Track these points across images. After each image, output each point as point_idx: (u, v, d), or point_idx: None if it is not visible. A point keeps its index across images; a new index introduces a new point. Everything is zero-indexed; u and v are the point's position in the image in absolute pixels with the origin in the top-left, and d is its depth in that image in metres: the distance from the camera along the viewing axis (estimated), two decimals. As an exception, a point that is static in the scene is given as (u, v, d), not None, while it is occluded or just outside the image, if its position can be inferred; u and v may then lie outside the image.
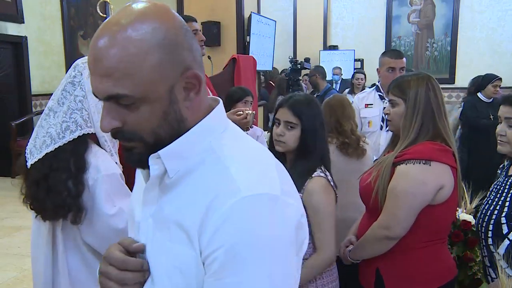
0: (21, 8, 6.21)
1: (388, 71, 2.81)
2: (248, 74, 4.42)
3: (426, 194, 1.49)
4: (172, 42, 0.74)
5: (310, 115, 1.68)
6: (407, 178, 1.51)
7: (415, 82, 1.61)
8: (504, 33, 7.79)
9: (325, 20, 8.64)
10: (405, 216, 1.51)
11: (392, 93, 1.65)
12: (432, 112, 1.58)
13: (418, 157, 1.51)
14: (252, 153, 0.80)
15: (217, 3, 5.52)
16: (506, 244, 1.53)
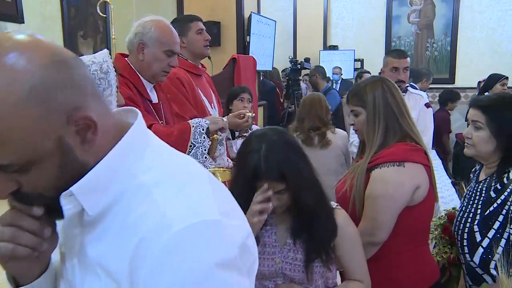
0: (21, 8, 6.20)
1: (392, 71, 2.78)
2: (248, 74, 4.42)
3: (404, 195, 1.50)
4: (43, 88, 0.58)
5: None
6: (383, 182, 1.51)
7: (370, 86, 1.62)
8: (504, 33, 7.78)
9: (325, 20, 8.63)
10: (386, 220, 1.51)
11: (351, 103, 1.65)
12: (393, 113, 1.58)
13: (392, 159, 1.51)
14: (180, 173, 0.68)
15: (217, 3, 5.51)
16: (480, 252, 1.52)
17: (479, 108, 1.58)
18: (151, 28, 1.90)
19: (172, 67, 1.97)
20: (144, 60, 1.91)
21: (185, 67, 2.49)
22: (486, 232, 1.51)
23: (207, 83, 2.69)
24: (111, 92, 1.48)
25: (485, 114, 1.56)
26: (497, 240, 1.49)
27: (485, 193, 1.58)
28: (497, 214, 1.51)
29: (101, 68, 1.44)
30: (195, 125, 1.88)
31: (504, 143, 1.53)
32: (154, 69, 1.92)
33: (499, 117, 1.54)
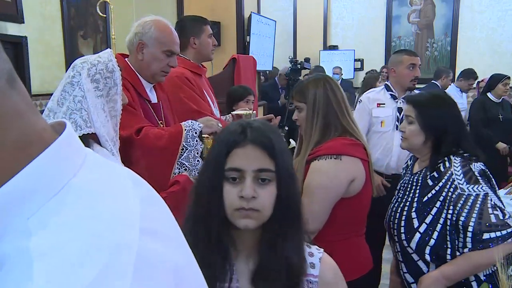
0: (21, 8, 6.20)
1: (409, 68, 2.88)
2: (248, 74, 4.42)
3: (339, 187, 1.59)
4: None
5: None
6: (320, 173, 1.59)
7: (313, 84, 1.70)
8: (504, 33, 7.78)
9: (325, 20, 8.64)
10: (320, 210, 1.59)
11: (295, 99, 1.73)
12: (334, 111, 1.66)
13: (329, 152, 1.59)
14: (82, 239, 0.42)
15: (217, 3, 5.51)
16: (417, 238, 1.60)
17: (411, 103, 1.71)
18: (151, 27, 1.90)
19: (171, 67, 1.96)
20: (144, 60, 1.91)
21: (188, 67, 2.49)
22: (424, 218, 1.59)
23: (206, 82, 2.69)
24: (117, 91, 1.48)
25: (415, 109, 1.68)
26: (434, 225, 1.56)
27: (421, 182, 1.66)
28: (434, 200, 1.59)
29: (106, 67, 1.44)
30: (187, 128, 1.87)
31: (432, 136, 1.64)
32: (153, 69, 1.92)
33: (427, 112, 1.66)
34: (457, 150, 1.62)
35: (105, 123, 1.43)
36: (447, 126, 1.63)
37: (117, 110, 1.50)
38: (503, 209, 1.49)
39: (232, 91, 3.08)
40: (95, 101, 1.39)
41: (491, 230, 1.46)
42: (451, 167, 1.58)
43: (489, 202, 1.49)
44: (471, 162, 1.58)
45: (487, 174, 1.59)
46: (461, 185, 1.53)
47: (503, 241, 1.44)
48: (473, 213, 1.48)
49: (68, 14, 6.95)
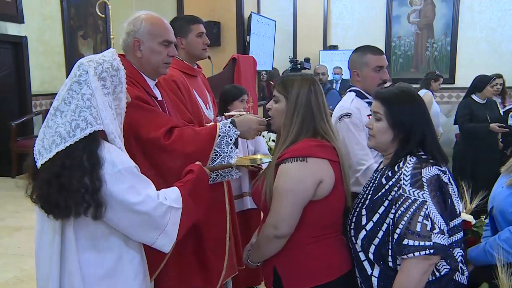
0: (21, 8, 6.21)
1: (375, 70, 2.38)
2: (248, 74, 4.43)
3: (306, 190, 1.56)
4: None
5: None
6: (286, 177, 1.58)
7: (299, 82, 1.67)
8: (504, 33, 7.78)
9: (325, 20, 8.64)
10: (289, 214, 1.57)
11: (276, 89, 1.71)
12: (312, 114, 1.65)
13: (296, 154, 1.58)
14: None
15: (217, 3, 5.51)
16: (363, 235, 1.58)
17: (379, 100, 1.65)
18: (141, 23, 1.89)
19: (171, 57, 1.96)
20: (143, 57, 1.90)
21: (180, 68, 2.48)
22: (372, 216, 1.57)
23: (202, 83, 2.68)
24: (122, 89, 1.49)
25: (383, 105, 1.63)
26: (380, 224, 1.54)
27: (378, 180, 1.63)
28: (383, 199, 1.55)
29: (112, 66, 1.46)
30: (222, 134, 1.84)
31: (400, 134, 1.59)
32: (155, 63, 1.91)
33: (395, 109, 1.61)
34: (419, 150, 1.58)
35: (113, 120, 1.43)
36: (415, 124, 1.59)
37: (122, 108, 1.52)
38: (435, 222, 1.44)
39: (226, 91, 3.07)
40: (103, 99, 1.40)
41: (411, 238, 1.42)
42: (403, 167, 1.54)
43: (423, 210, 1.44)
44: (426, 165, 1.52)
45: (440, 181, 1.52)
46: (405, 186, 1.49)
47: (417, 252, 1.41)
48: (405, 217, 1.45)
49: (68, 14, 6.95)
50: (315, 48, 8.46)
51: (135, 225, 1.41)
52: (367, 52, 2.41)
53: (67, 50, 6.94)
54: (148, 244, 1.47)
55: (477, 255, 1.83)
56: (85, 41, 7.27)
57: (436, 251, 1.42)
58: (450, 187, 1.55)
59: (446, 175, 1.55)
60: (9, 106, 6.21)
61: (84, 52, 7.12)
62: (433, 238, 1.42)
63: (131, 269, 1.49)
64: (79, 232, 1.40)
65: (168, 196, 1.48)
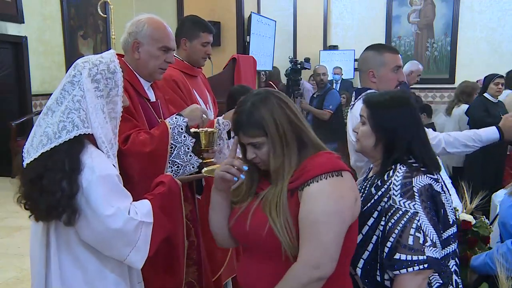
0: (21, 8, 6.21)
1: (394, 71, 2.20)
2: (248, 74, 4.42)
3: (350, 209, 1.30)
4: None
5: None
6: (324, 197, 1.26)
7: (265, 107, 1.33)
8: (504, 33, 7.78)
9: (325, 20, 8.64)
10: (334, 244, 1.27)
11: (249, 135, 1.34)
12: (299, 127, 1.36)
13: (326, 170, 1.29)
14: None
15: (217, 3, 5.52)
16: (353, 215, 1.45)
17: (365, 103, 1.61)
18: (144, 26, 1.89)
19: (168, 63, 1.96)
20: (140, 59, 1.90)
21: (181, 68, 2.48)
22: (361, 228, 1.48)
23: (202, 83, 2.68)
24: (117, 93, 1.47)
25: (367, 108, 1.58)
26: (370, 237, 1.47)
27: (367, 189, 1.56)
28: (372, 210, 1.48)
29: (108, 68, 1.44)
30: (172, 126, 1.83)
31: (383, 139, 1.53)
32: (151, 67, 1.91)
33: (378, 112, 1.55)
34: (409, 158, 1.50)
35: (104, 124, 1.41)
36: (398, 129, 1.50)
37: (117, 112, 1.49)
38: (427, 234, 1.37)
39: (233, 91, 3.07)
40: (94, 102, 1.38)
41: (403, 252, 1.35)
42: (393, 176, 1.46)
43: (415, 222, 1.37)
44: (417, 174, 1.44)
45: (433, 190, 1.44)
46: (395, 196, 1.41)
47: (410, 267, 1.33)
48: (396, 229, 1.38)
49: (68, 14, 6.95)
50: (315, 48, 8.46)
51: (105, 239, 1.36)
52: (384, 51, 2.22)
53: (67, 50, 6.93)
54: (120, 259, 1.42)
55: (479, 265, 1.82)
56: (85, 41, 7.27)
57: (430, 265, 1.35)
58: (443, 196, 1.47)
59: (438, 184, 1.47)
60: (9, 106, 6.21)
61: (84, 52, 7.12)
62: (426, 252, 1.35)
63: (112, 277, 1.45)
64: (59, 236, 1.39)
65: (139, 211, 1.42)
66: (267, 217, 1.31)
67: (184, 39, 2.48)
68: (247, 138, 1.35)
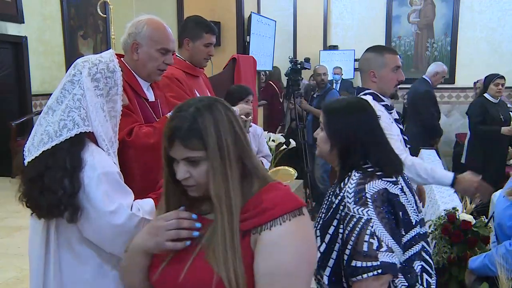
0: (21, 8, 6.21)
1: (393, 71, 2.29)
2: (248, 74, 4.43)
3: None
4: None
5: None
6: (293, 243, 1.05)
7: (212, 117, 1.09)
8: (504, 33, 7.78)
9: (325, 20, 8.64)
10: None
11: (187, 146, 1.08)
12: (245, 148, 1.13)
13: (291, 208, 1.07)
14: None
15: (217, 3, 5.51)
16: (317, 257, 1.48)
17: (322, 109, 1.64)
18: (143, 27, 1.89)
19: (167, 65, 1.96)
20: (139, 60, 1.90)
21: (182, 68, 2.48)
22: (324, 237, 1.50)
23: (204, 84, 2.68)
24: (117, 92, 1.48)
25: (324, 115, 1.61)
26: (333, 245, 1.48)
27: (330, 198, 1.56)
28: (332, 218, 1.49)
29: (108, 67, 1.45)
30: None
31: (337, 145, 1.55)
32: (149, 68, 1.91)
33: (333, 119, 1.58)
34: (365, 163, 1.51)
35: (104, 122, 1.42)
36: (352, 135, 1.52)
37: (117, 110, 1.50)
38: (382, 240, 1.37)
39: (231, 91, 3.07)
40: (94, 100, 1.40)
41: (358, 259, 1.36)
42: (348, 184, 1.47)
43: (369, 228, 1.37)
44: (371, 179, 1.45)
45: (389, 193, 1.44)
46: (349, 204, 1.42)
47: (365, 273, 1.34)
48: (352, 236, 1.39)
49: (68, 14, 6.95)
50: (315, 48, 8.46)
51: (106, 235, 1.37)
52: (384, 52, 2.31)
53: (67, 50, 6.93)
54: (121, 256, 1.40)
55: (478, 268, 1.82)
56: (85, 41, 7.27)
57: (384, 271, 1.35)
58: (403, 197, 1.47)
59: (397, 186, 1.47)
60: (9, 106, 6.21)
61: (84, 52, 7.11)
62: (380, 257, 1.35)
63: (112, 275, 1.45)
64: (60, 233, 1.39)
65: (142, 208, 1.44)
66: (213, 269, 1.03)
67: (187, 39, 2.49)
68: (183, 151, 1.08)
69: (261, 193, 1.11)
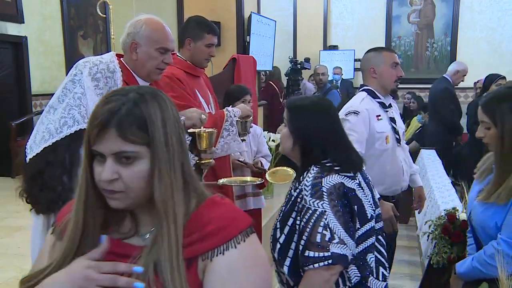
0: (21, 8, 6.21)
1: (392, 67, 2.44)
2: (248, 74, 4.42)
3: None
4: None
5: None
6: (249, 269, 0.91)
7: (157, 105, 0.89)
8: (504, 33, 7.79)
9: (325, 20, 8.64)
10: None
11: (125, 137, 0.85)
12: (186, 159, 0.94)
13: (242, 227, 0.92)
14: None
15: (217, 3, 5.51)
16: (277, 248, 1.57)
17: (286, 106, 1.68)
18: (142, 26, 1.89)
19: (166, 64, 1.95)
20: (138, 60, 1.90)
21: (183, 68, 2.48)
22: (283, 228, 1.56)
23: (204, 83, 2.68)
24: None
25: (287, 111, 1.66)
26: (292, 236, 1.54)
27: (290, 191, 1.62)
28: (291, 210, 1.55)
29: (108, 68, 1.46)
30: None
31: (299, 142, 1.60)
32: (148, 67, 1.91)
33: (296, 116, 1.63)
34: (325, 159, 1.56)
35: None
36: (313, 133, 1.58)
37: None
38: (334, 232, 1.42)
39: (230, 91, 3.07)
40: (94, 99, 1.41)
41: (311, 249, 1.42)
42: (306, 177, 1.53)
43: (323, 220, 1.43)
44: (329, 174, 1.51)
45: (345, 187, 1.50)
46: (306, 196, 1.49)
47: (316, 263, 1.40)
48: (307, 228, 1.45)
49: (68, 14, 6.95)
50: (315, 48, 8.46)
51: None
52: (382, 50, 2.53)
53: (67, 50, 6.93)
54: None
55: (467, 271, 1.78)
56: (85, 41, 7.26)
57: (334, 261, 1.41)
58: (359, 192, 1.53)
59: (354, 181, 1.53)
60: (9, 106, 6.21)
61: (84, 52, 7.12)
62: (331, 249, 1.41)
63: None
64: None
65: None
66: None
67: (189, 39, 2.49)
68: (118, 143, 0.85)
69: (203, 211, 0.91)
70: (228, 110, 2.34)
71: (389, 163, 2.42)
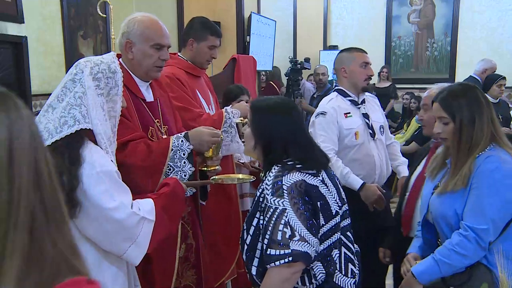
0: (21, 8, 6.20)
1: (362, 66, 2.55)
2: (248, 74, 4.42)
3: None
4: None
5: None
6: None
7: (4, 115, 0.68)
8: (504, 33, 7.78)
9: (325, 20, 8.63)
10: None
11: None
12: (47, 195, 0.69)
13: None
14: None
15: (217, 3, 5.51)
16: (245, 249, 1.58)
17: (250, 106, 1.72)
18: (134, 25, 1.88)
19: (163, 60, 1.94)
20: (134, 59, 1.89)
21: (184, 68, 2.48)
22: (249, 229, 1.57)
23: (205, 83, 2.68)
24: (117, 92, 1.50)
25: (251, 111, 1.69)
26: (257, 236, 1.54)
27: (257, 192, 1.63)
28: (255, 210, 1.57)
29: (109, 68, 1.46)
30: (175, 149, 1.81)
31: (260, 142, 1.62)
32: (145, 66, 1.90)
33: (257, 117, 1.65)
34: (287, 157, 1.57)
35: (103, 121, 1.43)
36: (273, 134, 1.60)
37: (117, 111, 1.51)
38: (295, 229, 1.44)
39: (228, 91, 3.07)
40: (95, 99, 1.41)
41: (273, 247, 1.43)
42: (267, 177, 1.55)
43: (283, 218, 1.44)
44: (290, 172, 1.52)
45: (307, 185, 1.51)
46: (268, 195, 1.50)
47: (277, 261, 1.41)
48: (269, 226, 1.46)
49: (68, 14, 6.94)
50: (315, 48, 8.46)
51: (106, 232, 1.38)
52: (353, 51, 2.64)
53: (67, 50, 6.92)
54: (118, 254, 1.43)
55: (427, 269, 1.71)
56: (85, 41, 7.26)
57: (295, 259, 1.41)
58: (323, 188, 1.54)
59: (317, 178, 1.54)
60: (9, 106, 6.21)
61: (84, 52, 7.11)
62: (292, 246, 1.41)
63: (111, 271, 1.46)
64: None
65: (142, 207, 1.46)
66: None
67: (192, 40, 2.49)
68: None
69: None
70: (227, 111, 2.33)
71: (360, 157, 2.52)
